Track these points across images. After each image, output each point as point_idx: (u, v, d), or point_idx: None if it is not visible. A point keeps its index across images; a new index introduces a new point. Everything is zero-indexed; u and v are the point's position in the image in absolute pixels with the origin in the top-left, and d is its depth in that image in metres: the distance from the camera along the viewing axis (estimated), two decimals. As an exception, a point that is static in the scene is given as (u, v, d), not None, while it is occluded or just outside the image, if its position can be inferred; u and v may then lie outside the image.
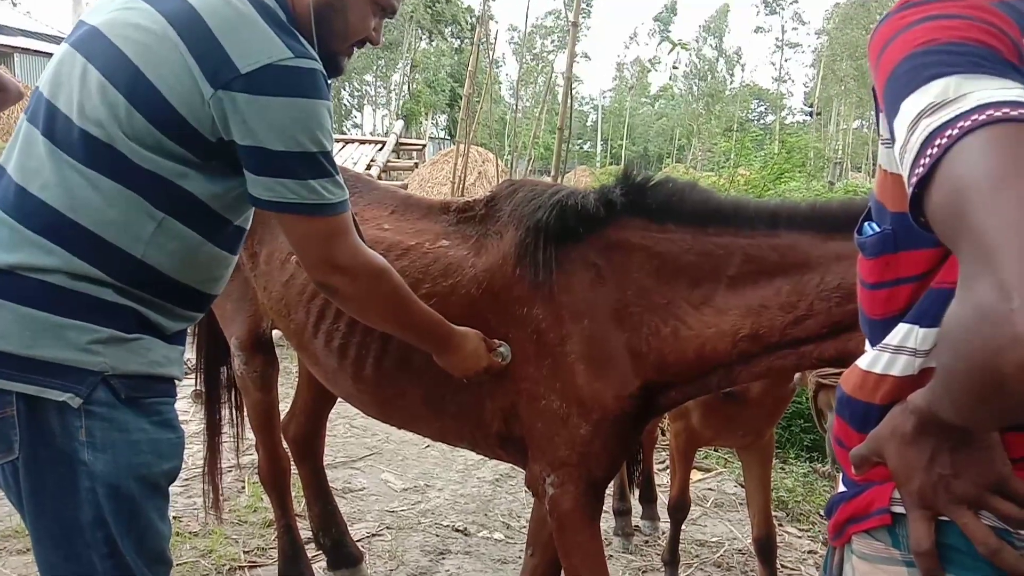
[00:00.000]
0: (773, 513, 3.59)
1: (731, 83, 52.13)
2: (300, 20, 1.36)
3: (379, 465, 3.76)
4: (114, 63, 1.22)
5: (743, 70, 52.89)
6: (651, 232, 1.73)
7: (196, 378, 2.80)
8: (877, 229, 0.92)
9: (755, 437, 2.64)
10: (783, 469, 4.14)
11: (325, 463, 3.65)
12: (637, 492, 3.40)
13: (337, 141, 7.85)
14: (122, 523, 1.23)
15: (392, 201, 2.17)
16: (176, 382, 1.39)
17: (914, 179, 0.70)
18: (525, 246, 1.79)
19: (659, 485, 3.57)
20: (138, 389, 1.26)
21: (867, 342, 0.97)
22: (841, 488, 1.00)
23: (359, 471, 3.71)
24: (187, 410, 4.15)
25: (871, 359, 0.92)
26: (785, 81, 48.79)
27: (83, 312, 1.21)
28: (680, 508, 2.84)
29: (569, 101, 5.39)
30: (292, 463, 2.67)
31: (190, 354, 3.06)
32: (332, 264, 1.37)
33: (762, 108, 52.33)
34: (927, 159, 0.69)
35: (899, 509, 0.87)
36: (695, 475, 4.09)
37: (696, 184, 1.80)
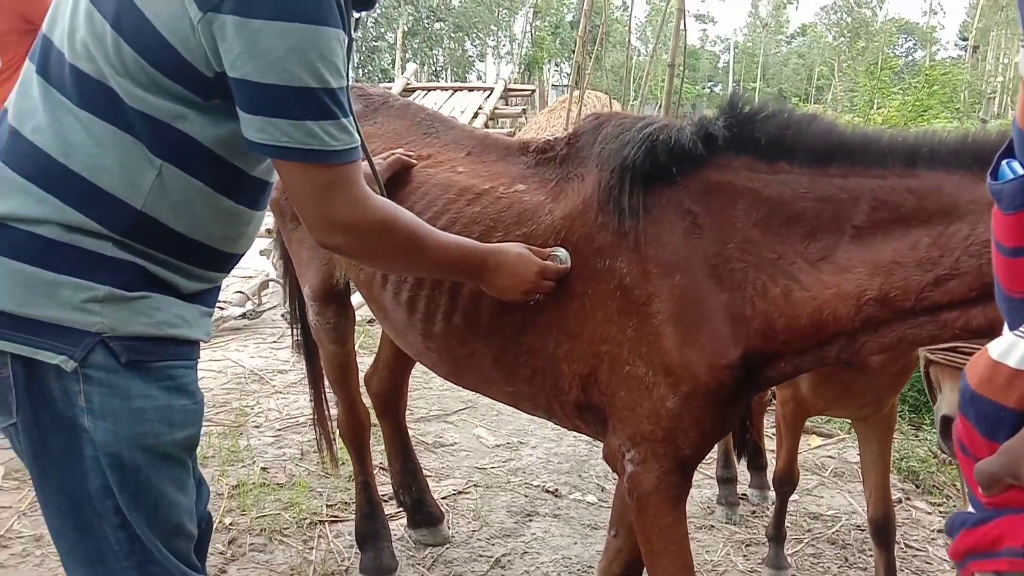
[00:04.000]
0: (901, 485, 3.27)
1: (876, 18, 48.25)
2: None
3: (473, 420, 3.65)
4: None
5: (882, 3, 48.56)
6: (759, 172, 1.45)
7: (292, 329, 2.75)
8: (1020, 171, 0.67)
9: (874, 408, 2.31)
10: (916, 437, 3.75)
11: (418, 416, 3.62)
12: (744, 459, 3.13)
13: (444, 89, 7.72)
14: (128, 495, 1.12)
15: (469, 141, 1.98)
16: (201, 343, 1.26)
17: None
18: (608, 189, 1.55)
19: (770, 450, 3.28)
20: (144, 352, 1.13)
21: (1005, 324, 0.72)
22: (969, 508, 0.76)
23: (452, 425, 3.62)
24: (287, 360, 4.21)
25: (1005, 346, 0.70)
26: (936, 13, 44.39)
27: (78, 267, 1.08)
28: (786, 482, 2.56)
29: (682, 33, 4.96)
30: (373, 418, 2.57)
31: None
32: (332, 221, 1.18)
33: (910, 43, 48.26)
34: None
35: None
36: (814, 441, 3.79)
37: (817, 115, 1.49)
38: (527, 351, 1.67)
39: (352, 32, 1.24)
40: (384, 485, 2.76)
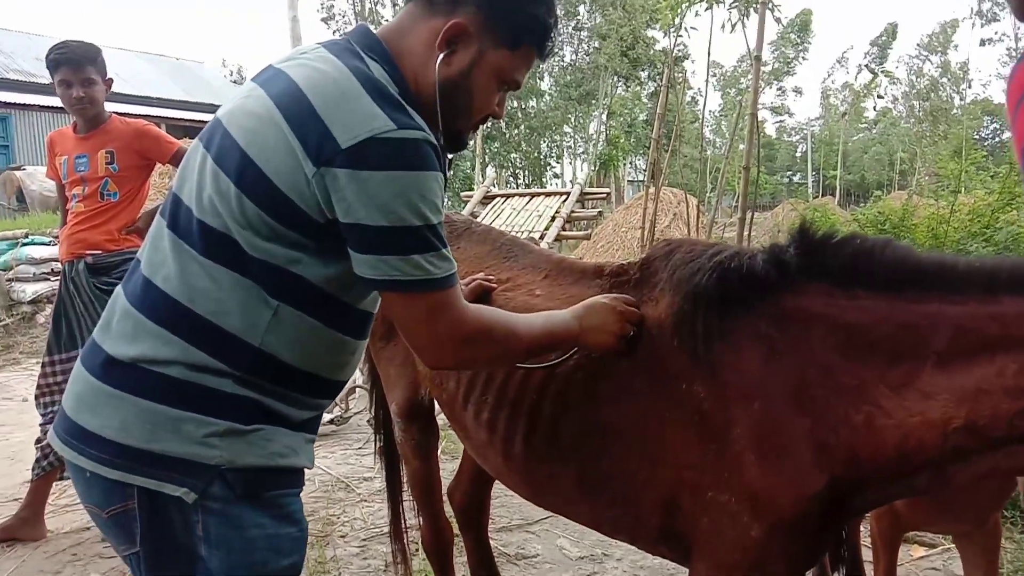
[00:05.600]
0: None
1: (959, 101, 47.41)
2: (423, 99, 1.30)
3: (555, 530, 3.60)
4: (226, 151, 1.21)
5: (970, 86, 47.78)
6: (835, 299, 1.45)
7: (375, 439, 2.82)
8: None
9: (975, 524, 2.19)
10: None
11: (500, 526, 3.59)
12: (842, 572, 2.95)
13: (523, 195, 7.99)
14: None
15: (546, 265, 2.05)
16: (305, 470, 1.34)
17: None
18: (682, 315, 1.58)
19: (868, 562, 3.09)
20: (256, 483, 1.23)
21: None
22: None
23: (534, 535, 3.57)
24: (372, 466, 4.27)
25: None
26: (1023, 93, 43.05)
27: (201, 404, 1.19)
28: None
29: (758, 139, 5.03)
30: (456, 532, 2.58)
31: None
32: (439, 341, 1.27)
33: (996, 125, 47.04)
34: None
35: None
36: (916, 551, 3.56)
37: (891, 240, 1.50)
38: (607, 475, 1.67)
39: (446, 171, 1.34)
40: (467, 601, 2.74)
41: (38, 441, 3.46)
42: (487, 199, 8.06)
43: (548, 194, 7.77)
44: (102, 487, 1.21)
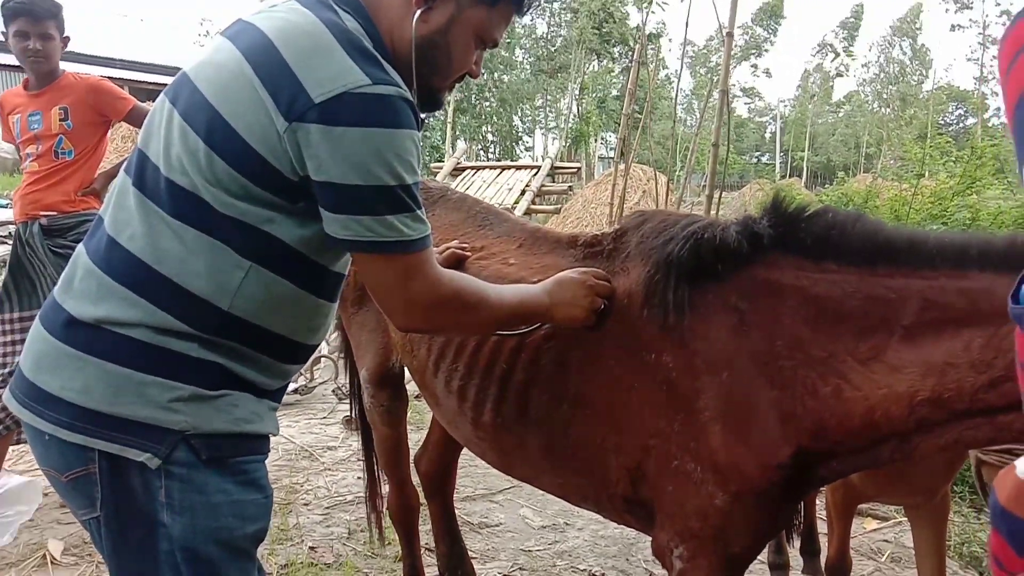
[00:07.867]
0: (963, 573, 3.10)
1: (925, 85, 48.09)
2: (399, 55, 1.27)
3: (518, 500, 3.63)
4: (194, 106, 1.17)
5: (934, 71, 48.45)
6: (806, 271, 1.47)
7: (351, 406, 2.81)
8: None
9: (927, 496, 2.26)
10: (978, 520, 3.57)
11: (464, 495, 3.61)
12: (797, 543, 3.03)
13: (493, 168, 7.94)
14: None
15: (521, 234, 2.04)
16: (271, 437, 1.32)
17: None
18: (653, 284, 1.59)
19: (823, 533, 3.17)
20: (222, 448, 1.20)
21: None
22: None
23: (498, 505, 3.60)
24: (336, 436, 4.26)
25: None
26: (988, 80, 43.75)
27: (165, 368, 1.15)
28: (839, 570, 2.49)
29: (728, 117, 5.04)
30: (422, 500, 2.59)
31: (344, 379, 3.07)
32: (413, 304, 1.26)
33: (960, 111, 47.83)
34: None
35: None
36: (869, 524, 3.67)
37: (862, 215, 1.51)
38: (575, 443, 1.68)
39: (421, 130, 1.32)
40: (430, 567, 2.75)
41: (-10, 406, 3.38)
42: (457, 171, 8.01)
43: (519, 167, 7.74)
44: (61, 450, 1.17)
